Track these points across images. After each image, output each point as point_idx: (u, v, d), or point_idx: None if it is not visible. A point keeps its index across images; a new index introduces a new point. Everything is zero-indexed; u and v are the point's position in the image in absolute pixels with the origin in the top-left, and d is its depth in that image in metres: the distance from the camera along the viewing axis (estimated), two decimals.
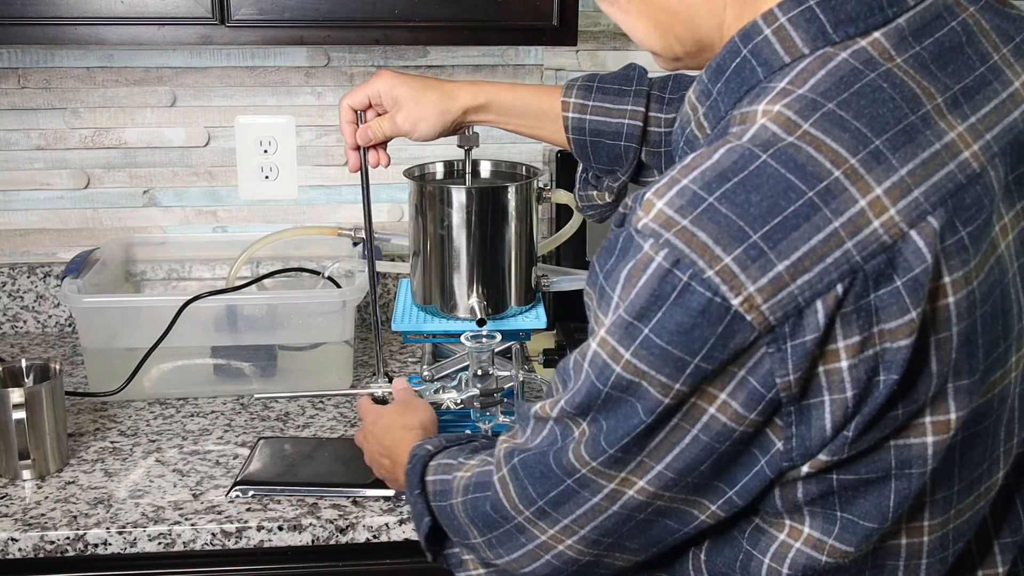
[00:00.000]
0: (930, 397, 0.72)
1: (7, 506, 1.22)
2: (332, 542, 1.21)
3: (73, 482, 1.28)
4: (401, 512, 1.22)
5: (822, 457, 0.73)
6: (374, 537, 1.21)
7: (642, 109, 1.20)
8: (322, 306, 1.52)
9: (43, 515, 1.21)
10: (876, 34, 0.73)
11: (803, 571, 0.78)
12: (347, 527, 1.20)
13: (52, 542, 1.18)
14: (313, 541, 1.20)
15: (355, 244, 1.66)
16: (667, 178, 0.71)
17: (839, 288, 0.67)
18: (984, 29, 0.77)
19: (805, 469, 0.74)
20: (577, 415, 0.77)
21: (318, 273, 1.69)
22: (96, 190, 1.75)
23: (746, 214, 0.67)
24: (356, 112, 1.26)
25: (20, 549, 1.17)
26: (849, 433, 0.71)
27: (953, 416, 0.73)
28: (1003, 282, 0.74)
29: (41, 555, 1.18)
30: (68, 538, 1.18)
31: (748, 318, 0.67)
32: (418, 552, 1.23)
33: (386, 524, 1.21)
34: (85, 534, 1.18)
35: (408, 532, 1.21)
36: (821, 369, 0.69)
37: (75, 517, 1.20)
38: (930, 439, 0.73)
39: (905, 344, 0.69)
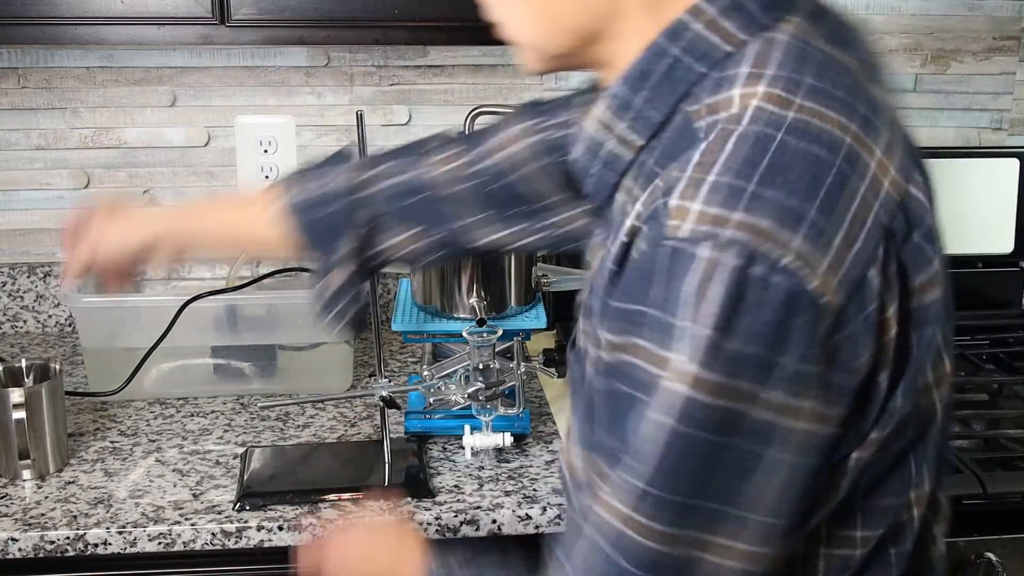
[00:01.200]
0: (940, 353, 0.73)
1: (7, 506, 1.22)
2: None
3: (73, 482, 1.28)
4: (401, 512, 1.22)
5: (873, 436, 0.70)
6: None
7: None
8: None
9: (43, 515, 1.21)
10: (792, 16, 0.72)
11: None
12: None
13: (52, 542, 1.18)
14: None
15: None
16: (683, 182, 0.66)
17: (880, 252, 0.66)
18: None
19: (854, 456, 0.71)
20: (666, 492, 0.65)
21: None
22: (96, 190, 1.75)
23: (794, 192, 0.64)
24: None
25: (20, 549, 1.17)
26: (897, 402, 0.70)
27: (950, 369, 0.74)
28: None
29: (41, 555, 1.18)
30: (68, 538, 1.18)
31: (823, 300, 0.63)
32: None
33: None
34: (85, 534, 1.18)
35: None
36: (883, 341, 0.67)
37: (75, 517, 1.20)
38: (939, 396, 0.74)
39: (936, 298, 0.69)
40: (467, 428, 1.31)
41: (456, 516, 1.22)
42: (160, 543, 1.19)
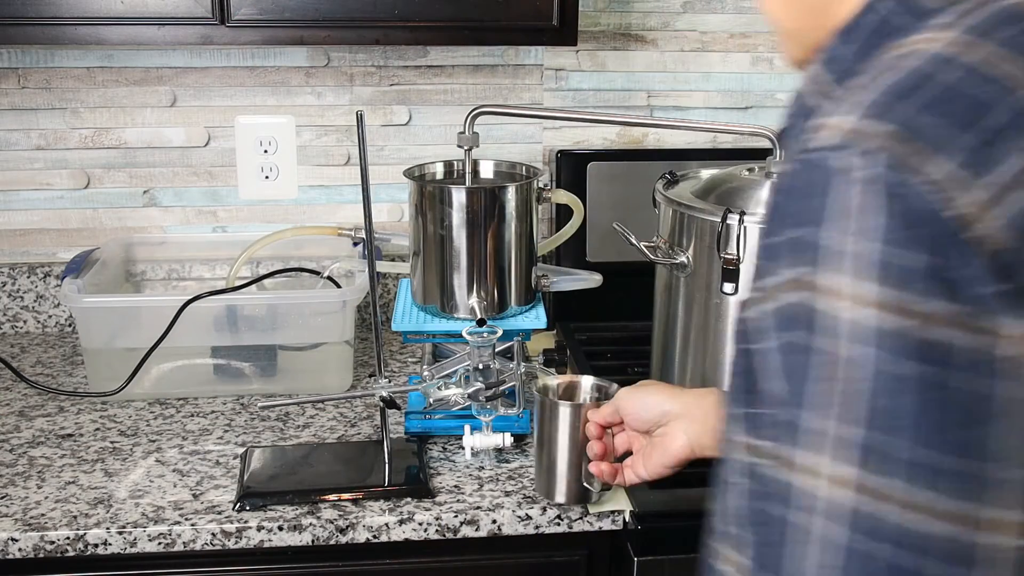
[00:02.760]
0: None
1: (7, 506, 1.22)
2: (332, 542, 1.21)
3: (73, 482, 1.28)
4: (401, 512, 1.22)
5: None
6: (374, 537, 1.21)
7: None
8: (322, 306, 1.52)
9: (43, 515, 1.21)
10: None
11: None
12: (347, 527, 1.20)
13: (52, 542, 1.18)
14: (313, 541, 1.20)
15: (355, 244, 1.66)
16: (846, 101, 0.62)
17: None
18: None
19: None
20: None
21: (318, 273, 1.69)
22: (96, 190, 1.75)
23: (957, 121, 0.59)
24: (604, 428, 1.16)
25: (20, 549, 1.17)
26: None
27: None
28: None
29: (41, 555, 1.18)
30: (68, 538, 1.18)
31: (976, 226, 0.57)
32: (418, 552, 1.24)
33: (386, 524, 1.21)
34: (85, 534, 1.18)
35: (408, 532, 1.22)
36: None
37: (75, 517, 1.20)
38: None
39: None
40: (467, 428, 1.31)
41: (456, 516, 1.22)
42: (160, 543, 1.19)
